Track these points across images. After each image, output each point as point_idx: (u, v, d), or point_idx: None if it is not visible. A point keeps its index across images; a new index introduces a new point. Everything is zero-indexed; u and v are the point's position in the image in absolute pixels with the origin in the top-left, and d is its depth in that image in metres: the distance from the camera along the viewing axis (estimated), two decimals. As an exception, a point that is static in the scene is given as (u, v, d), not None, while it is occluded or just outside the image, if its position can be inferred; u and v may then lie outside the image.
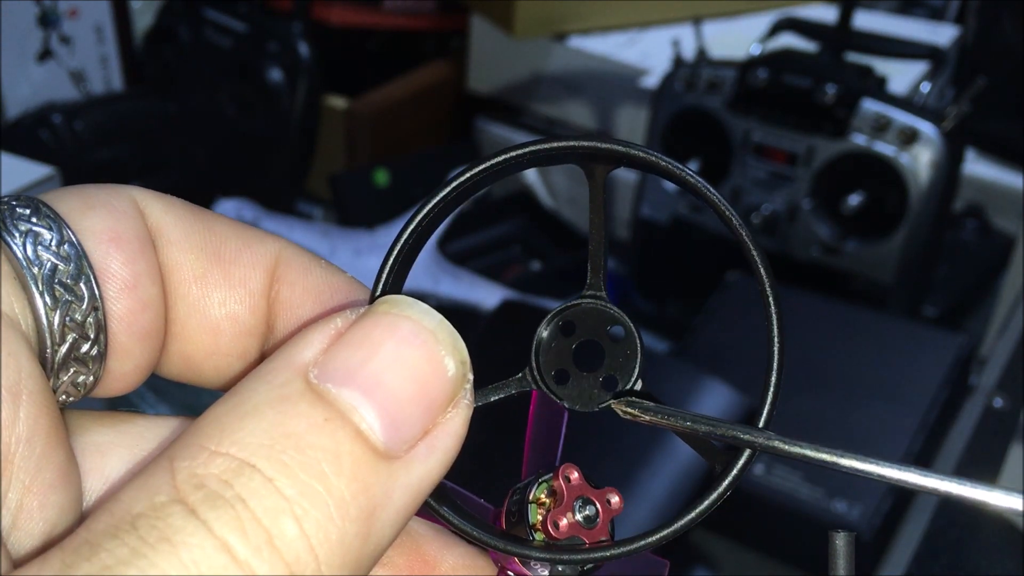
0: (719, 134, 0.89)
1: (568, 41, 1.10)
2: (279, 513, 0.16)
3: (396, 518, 0.18)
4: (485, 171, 0.21)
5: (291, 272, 0.22)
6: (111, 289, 0.19)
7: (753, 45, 0.92)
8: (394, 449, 0.18)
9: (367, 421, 0.17)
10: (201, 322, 0.21)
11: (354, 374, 0.18)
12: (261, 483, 0.16)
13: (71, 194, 0.20)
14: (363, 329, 0.19)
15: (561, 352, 0.22)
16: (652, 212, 0.95)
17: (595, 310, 0.22)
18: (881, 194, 0.83)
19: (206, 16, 1.05)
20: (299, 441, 0.17)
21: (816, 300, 0.82)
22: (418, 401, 0.18)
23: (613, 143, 0.20)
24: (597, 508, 0.21)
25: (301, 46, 1.01)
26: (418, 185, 1.07)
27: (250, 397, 0.18)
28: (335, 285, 0.22)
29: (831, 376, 0.76)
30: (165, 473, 0.17)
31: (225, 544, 0.16)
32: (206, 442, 0.17)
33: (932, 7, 1.18)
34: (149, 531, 0.16)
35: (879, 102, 0.82)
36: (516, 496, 0.22)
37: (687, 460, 0.67)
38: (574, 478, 0.21)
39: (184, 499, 0.16)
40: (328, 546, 0.17)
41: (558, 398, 0.21)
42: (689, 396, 0.70)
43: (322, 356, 0.18)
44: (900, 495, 0.69)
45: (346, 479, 0.17)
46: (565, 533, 0.21)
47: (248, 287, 0.21)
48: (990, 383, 0.72)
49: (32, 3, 0.97)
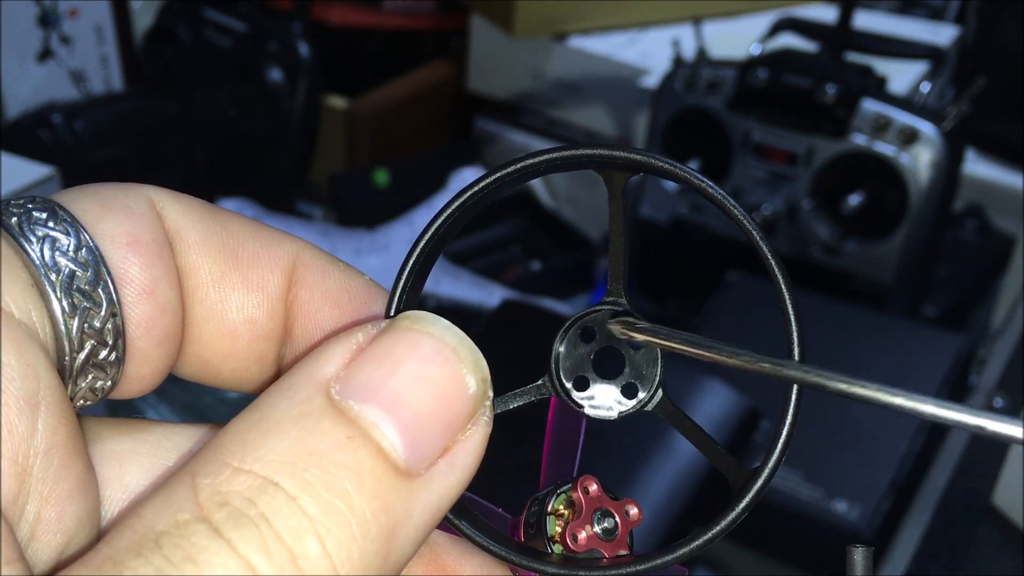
0: (719, 134, 0.89)
1: (568, 41, 1.10)
2: (302, 532, 0.16)
3: (416, 536, 0.18)
4: (500, 179, 0.21)
5: (309, 275, 0.21)
6: (129, 294, 0.19)
7: (753, 45, 0.92)
8: (415, 467, 0.18)
9: (388, 439, 0.17)
10: (218, 326, 0.21)
11: (376, 391, 0.18)
12: (284, 502, 0.16)
13: (87, 196, 0.19)
14: (385, 345, 0.18)
15: (580, 359, 0.21)
16: (652, 212, 0.95)
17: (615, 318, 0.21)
18: (881, 194, 0.83)
19: (206, 16, 1.05)
20: (322, 459, 0.17)
21: (816, 300, 0.82)
22: (439, 419, 0.18)
23: (631, 152, 0.20)
24: (616, 520, 0.21)
25: (301, 46, 1.01)
26: (418, 185, 1.07)
27: (271, 413, 0.18)
28: (353, 289, 0.22)
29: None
30: (187, 490, 0.17)
31: (249, 563, 0.16)
32: (229, 458, 0.17)
33: (932, 7, 1.18)
34: (173, 550, 0.16)
35: (879, 102, 0.82)
36: (534, 507, 0.22)
37: (699, 467, 0.67)
38: (593, 490, 0.21)
39: (208, 517, 0.16)
40: (350, 565, 0.17)
41: (577, 406, 0.21)
42: (689, 396, 0.70)
43: (344, 372, 0.18)
44: (900, 495, 0.69)
45: (367, 497, 0.17)
46: (584, 546, 0.21)
47: (266, 291, 0.21)
48: (990, 383, 0.72)
49: (32, 3, 0.97)
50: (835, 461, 0.71)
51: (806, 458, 0.71)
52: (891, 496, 0.68)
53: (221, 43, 1.04)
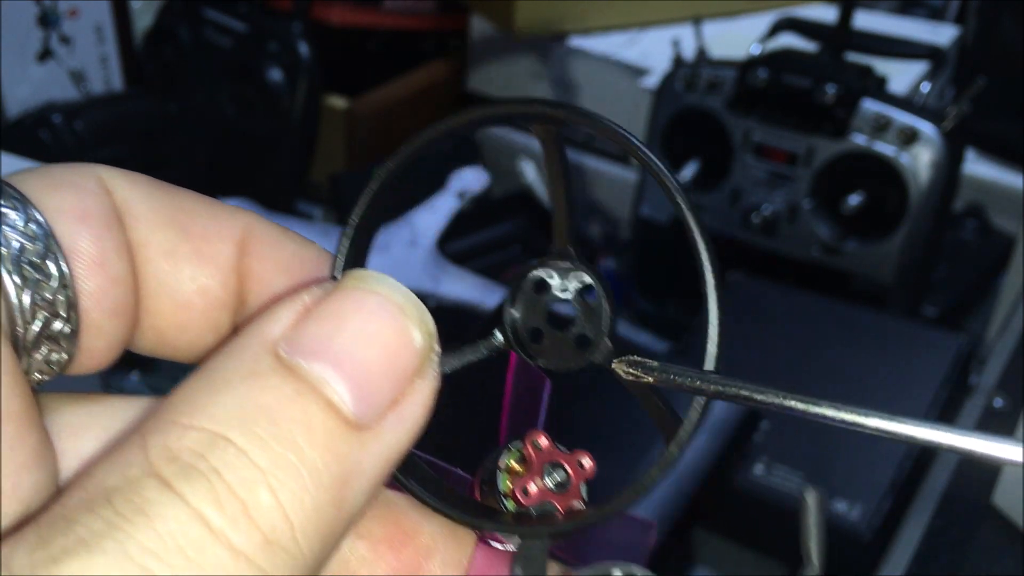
0: (719, 134, 0.89)
1: (568, 41, 1.10)
2: (254, 483, 0.17)
3: (368, 486, 0.18)
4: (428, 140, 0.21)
5: (261, 245, 0.22)
6: (80, 267, 0.19)
7: (753, 45, 0.92)
8: (364, 419, 0.18)
9: (337, 393, 0.18)
10: (172, 297, 0.21)
11: (323, 348, 0.18)
12: (235, 455, 0.17)
13: (35, 174, 0.20)
14: (331, 304, 0.19)
15: (534, 311, 0.21)
16: (652, 212, 0.95)
17: (566, 268, 0.21)
18: (881, 194, 0.83)
19: (206, 16, 1.05)
20: (271, 413, 0.17)
21: (816, 300, 0.82)
22: (386, 372, 0.18)
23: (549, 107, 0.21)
24: (568, 473, 0.21)
25: (301, 46, 1.01)
26: (418, 185, 1.07)
27: (220, 373, 0.18)
28: (306, 257, 0.22)
29: (831, 376, 0.76)
30: (138, 448, 0.17)
31: (200, 515, 0.16)
32: (178, 417, 0.17)
33: (932, 7, 1.18)
34: (124, 504, 0.16)
35: (879, 102, 0.83)
36: (488, 465, 0.22)
37: (699, 466, 0.67)
38: (543, 443, 0.21)
39: (158, 472, 0.16)
40: (303, 514, 0.17)
41: (531, 357, 0.21)
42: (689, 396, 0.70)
43: (291, 331, 0.18)
44: (900, 495, 0.69)
45: (318, 449, 0.17)
46: (536, 499, 0.21)
47: (218, 261, 0.21)
48: (990, 383, 0.72)
49: (32, 3, 0.97)
50: (835, 461, 0.71)
51: (806, 458, 0.71)
52: (891, 496, 0.68)
53: (221, 43, 1.04)
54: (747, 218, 0.89)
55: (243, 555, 0.16)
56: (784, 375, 0.77)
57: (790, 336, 0.80)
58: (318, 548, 0.17)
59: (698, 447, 0.67)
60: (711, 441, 0.68)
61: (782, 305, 0.82)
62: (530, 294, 0.21)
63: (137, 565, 0.15)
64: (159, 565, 0.16)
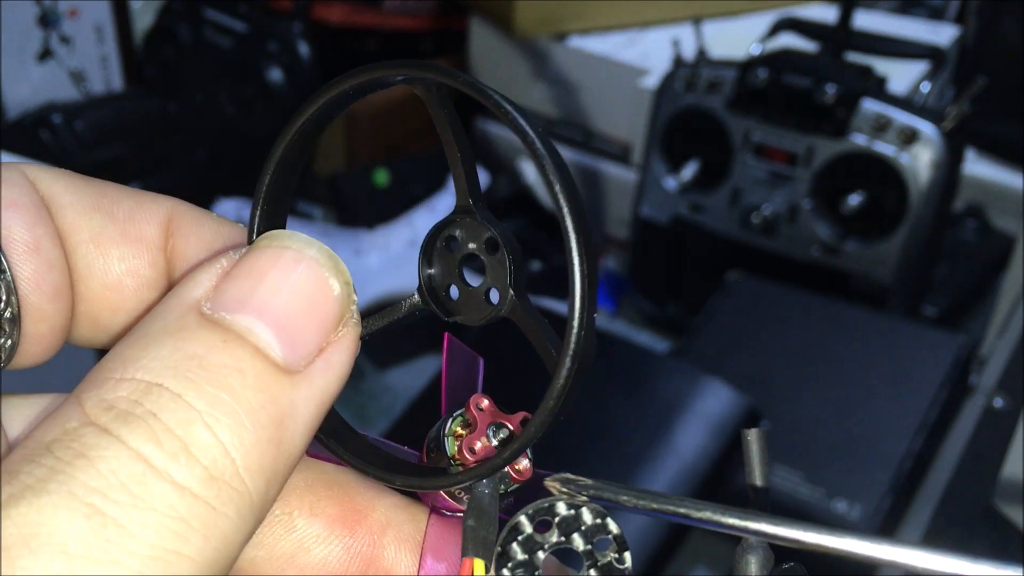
0: (719, 134, 0.89)
1: (568, 41, 1.10)
2: (191, 423, 0.17)
3: (304, 428, 0.19)
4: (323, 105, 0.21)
5: (184, 225, 0.22)
6: (16, 253, 0.20)
7: (753, 45, 0.92)
8: (293, 364, 0.19)
9: (264, 339, 0.18)
10: (103, 280, 0.22)
11: (245, 301, 0.19)
12: (170, 398, 0.17)
13: None
14: (248, 262, 0.20)
15: (446, 270, 0.22)
16: (652, 212, 0.95)
17: (471, 227, 0.22)
18: (881, 194, 0.83)
19: (206, 16, 1.05)
20: (202, 361, 0.18)
21: (816, 300, 0.82)
22: (310, 319, 0.19)
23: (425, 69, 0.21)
24: (511, 430, 0.22)
25: (301, 46, 1.01)
26: (418, 185, 1.07)
27: (147, 332, 0.19)
28: (226, 234, 0.23)
29: (831, 376, 0.76)
30: (74, 405, 0.17)
31: (140, 454, 0.17)
32: (110, 373, 0.18)
33: (932, 7, 1.18)
34: (64, 451, 0.16)
35: (879, 102, 0.82)
36: (433, 433, 0.22)
37: (699, 466, 0.67)
38: (485, 405, 0.22)
39: (95, 421, 0.17)
40: (244, 450, 0.17)
41: (448, 313, 0.22)
42: (689, 396, 0.70)
43: (212, 291, 0.19)
44: (900, 495, 0.69)
45: (252, 390, 0.18)
46: (481, 456, 0.21)
47: (144, 242, 0.22)
48: (990, 383, 0.72)
49: (32, 3, 0.97)
50: (835, 461, 0.71)
51: (806, 458, 0.71)
52: (891, 496, 0.68)
53: (221, 43, 1.04)
54: (747, 218, 0.89)
55: (187, 490, 0.17)
56: (784, 375, 0.77)
57: (790, 336, 0.80)
58: (263, 486, 0.18)
59: (698, 447, 0.67)
60: (711, 441, 0.68)
61: (782, 305, 0.82)
62: (443, 252, 0.22)
63: (83, 503, 0.16)
64: (104, 501, 0.16)
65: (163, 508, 0.16)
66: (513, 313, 0.21)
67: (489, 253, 0.21)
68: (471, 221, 0.22)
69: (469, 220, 0.22)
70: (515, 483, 0.21)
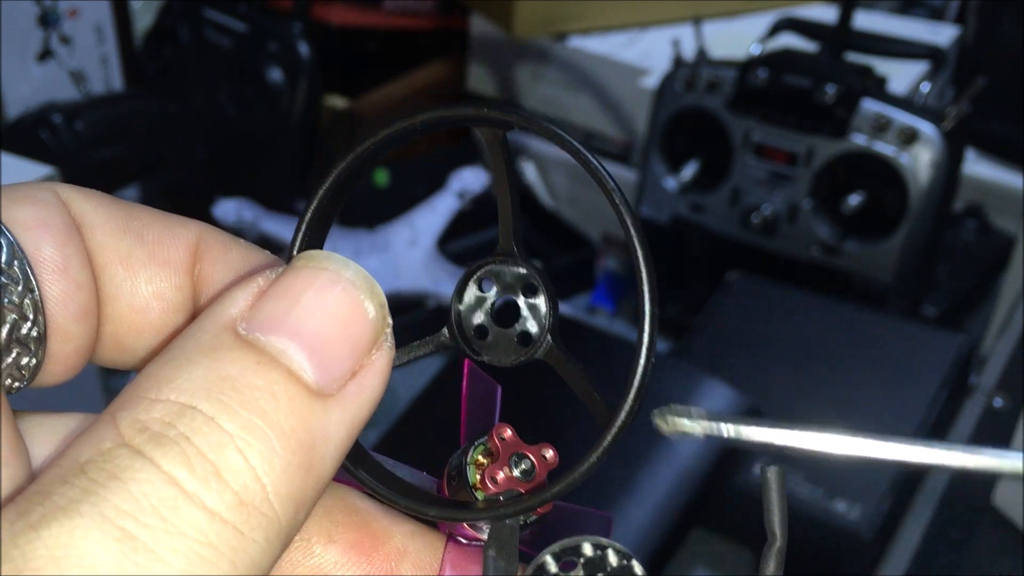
0: (719, 134, 0.89)
1: (568, 41, 1.10)
2: (223, 446, 0.17)
3: (335, 452, 0.19)
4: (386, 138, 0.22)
5: (212, 250, 0.22)
6: (45, 272, 0.20)
7: (753, 45, 0.92)
8: (326, 388, 0.19)
9: (297, 362, 0.18)
10: (130, 302, 0.22)
11: (280, 322, 0.19)
12: (203, 421, 0.17)
13: None
14: (284, 283, 0.19)
15: (479, 309, 0.22)
16: (652, 212, 0.95)
17: (508, 269, 0.22)
18: (881, 194, 0.83)
19: (206, 16, 1.05)
20: (235, 383, 0.18)
21: (816, 300, 0.82)
22: (344, 342, 0.19)
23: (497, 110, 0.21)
24: (533, 462, 0.22)
25: (301, 46, 1.01)
26: (418, 185, 1.07)
27: (182, 351, 0.19)
28: (254, 260, 0.23)
29: (831, 376, 0.76)
30: (108, 425, 0.17)
31: (173, 478, 0.17)
32: (144, 393, 0.18)
33: (932, 7, 1.18)
34: (98, 472, 0.17)
35: (879, 102, 0.82)
36: (455, 461, 0.23)
37: (698, 469, 0.67)
38: (508, 435, 0.22)
39: (129, 442, 0.17)
40: (274, 475, 0.17)
41: (476, 353, 0.22)
42: (689, 396, 0.70)
43: (247, 311, 0.19)
44: (900, 495, 0.69)
45: (284, 414, 0.18)
46: (503, 486, 0.22)
47: (172, 266, 0.22)
48: (990, 383, 0.72)
49: (32, 3, 0.97)
50: (835, 461, 0.70)
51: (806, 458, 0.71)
52: (891, 496, 0.68)
53: (221, 43, 1.04)
54: (747, 218, 0.89)
55: (217, 515, 0.17)
56: (784, 375, 0.77)
57: (790, 336, 0.80)
58: (292, 512, 0.18)
59: (698, 447, 0.67)
60: (711, 441, 0.68)
61: (782, 305, 0.82)
62: (476, 292, 0.22)
63: (114, 527, 0.16)
64: (135, 525, 0.16)
65: (193, 533, 0.16)
66: (550, 357, 0.22)
67: (526, 296, 0.22)
68: (511, 263, 0.22)
69: (509, 262, 0.22)
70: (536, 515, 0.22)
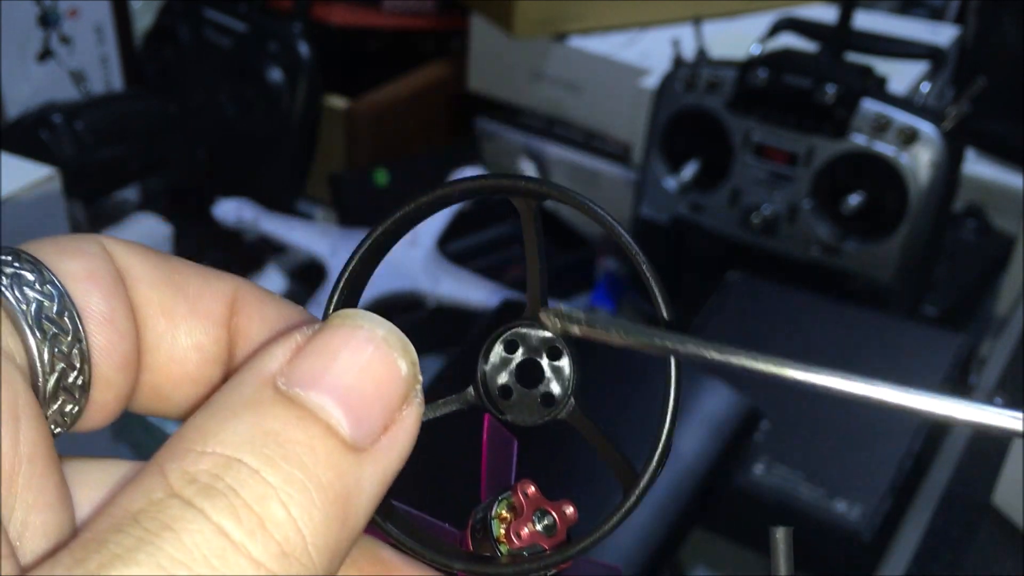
0: (719, 134, 0.89)
1: (568, 41, 1.10)
2: (267, 499, 0.18)
3: (368, 505, 0.20)
4: (425, 204, 0.23)
5: (249, 305, 0.24)
6: (92, 323, 0.21)
7: (753, 45, 0.92)
8: (360, 442, 0.20)
9: (335, 418, 0.19)
10: (169, 353, 0.23)
11: (318, 379, 0.20)
12: (248, 474, 0.18)
13: (45, 242, 0.22)
14: (322, 340, 0.20)
15: (504, 370, 0.23)
16: (652, 212, 0.95)
17: (535, 333, 0.23)
18: (881, 194, 0.83)
19: (206, 16, 1.05)
20: (278, 437, 0.19)
21: (816, 300, 0.82)
22: (378, 399, 0.20)
23: (535, 183, 0.23)
24: (555, 518, 0.23)
25: (301, 46, 1.01)
26: (418, 185, 1.07)
27: (225, 405, 0.20)
28: (289, 315, 0.24)
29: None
30: (157, 475, 0.18)
31: (221, 529, 0.17)
32: (191, 445, 0.19)
33: (932, 7, 1.18)
34: (151, 522, 0.17)
35: (879, 102, 0.83)
36: (480, 515, 0.24)
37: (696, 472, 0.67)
38: (531, 492, 0.23)
39: (180, 493, 0.18)
40: (313, 527, 0.18)
41: (500, 412, 0.23)
42: (689, 396, 0.70)
43: (287, 366, 0.20)
44: (900, 495, 0.69)
45: (322, 468, 0.19)
46: (527, 541, 0.23)
47: (211, 319, 0.23)
48: (990, 383, 0.72)
49: (32, 3, 0.97)
50: (835, 461, 0.71)
51: (806, 458, 0.71)
52: (891, 496, 0.68)
53: (221, 43, 1.04)
54: (747, 218, 0.89)
55: (263, 565, 0.18)
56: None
57: (790, 336, 0.80)
58: (327, 562, 0.19)
59: (698, 447, 0.67)
60: (711, 441, 0.68)
61: (782, 305, 0.82)
62: (501, 353, 0.23)
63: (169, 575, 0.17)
64: (188, 574, 0.17)
65: None
66: (572, 418, 0.23)
67: (550, 359, 0.23)
68: (537, 327, 0.23)
69: (536, 326, 0.23)
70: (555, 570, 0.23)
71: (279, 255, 1.04)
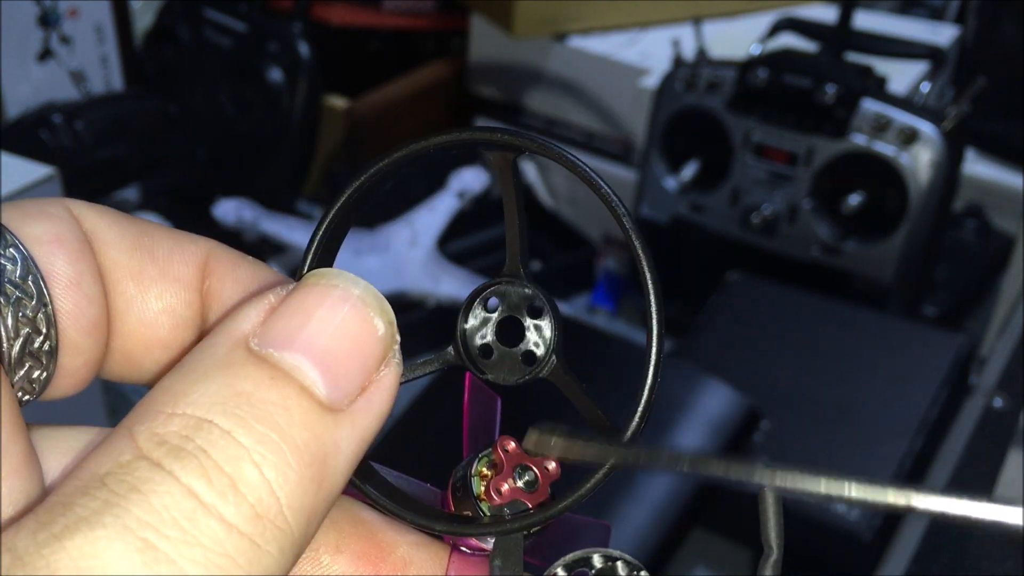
0: (719, 134, 0.89)
1: (568, 41, 1.10)
2: (239, 460, 0.18)
3: (345, 467, 0.19)
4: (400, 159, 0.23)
5: (221, 267, 0.23)
6: (57, 287, 0.20)
7: (753, 45, 0.92)
8: (337, 403, 0.19)
9: (310, 378, 0.19)
10: (140, 317, 0.22)
11: (292, 338, 0.19)
12: (219, 435, 0.18)
13: (9, 207, 0.21)
14: (296, 300, 0.20)
15: (484, 328, 0.23)
16: (652, 212, 0.95)
17: (515, 290, 0.23)
18: (881, 194, 0.83)
19: (206, 16, 1.05)
20: (250, 397, 0.18)
21: (816, 300, 0.82)
22: (354, 359, 0.20)
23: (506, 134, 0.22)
24: (536, 474, 0.23)
25: (301, 46, 1.01)
26: (418, 185, 1.07)
27: (197, 366, 0.19)
28: (263, 277, 0.23)
29: (831, 376, 0.76)
30: (126, 438, 0.18)
31: (191, 490, 0.17)
32: (161, 407, 0.18)
33: (932, 7, 1.18)
34: (118, 484, 0.17)
35: (879, 102, 0.82)
36: (460, 473, 0.23)
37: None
38: (511, 448, 0.23)
39: (148, 455, 0.17)
40: (288, 488, 0.18)
41: (480, 371, 0.23)
42: (689, 396, 0.70)
43: (260, 327, 0.20)
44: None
45: (297, 428, 0.18)
46: (508, 497, 0.22)
47: (182, 282, 0.22)
48: (990, 383, 0.72)
49: (32, 3, 0.97)
50: (835, 461, 0.71)
51: (806, 458, 0.71)
52: (891, 496, 0.68)
53: (221, 43, 1.04)
54: (747, 218, 0.89)
55: (234, 527, 0.17)
56: (784, 375, 0.77)
57: (790, 336, 0.80)
58: (304, 524, 0.18)
59: (698, 447, 0.67)
60: (711, 441, 0.68)
61: (782, 305, 0.82)
62: (482, 312, 0.23)
63: (136, 538, 0.16)
64: (156, 536, 0.16)
65: (211, 544, 0.17)
66: (554, 376, 0.23)
67: (531, 317, 0.23)
68: (517, 284, 0.23)
69: (515, 283, 0.23)
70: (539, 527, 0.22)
71: (279, 255, 1.04)
